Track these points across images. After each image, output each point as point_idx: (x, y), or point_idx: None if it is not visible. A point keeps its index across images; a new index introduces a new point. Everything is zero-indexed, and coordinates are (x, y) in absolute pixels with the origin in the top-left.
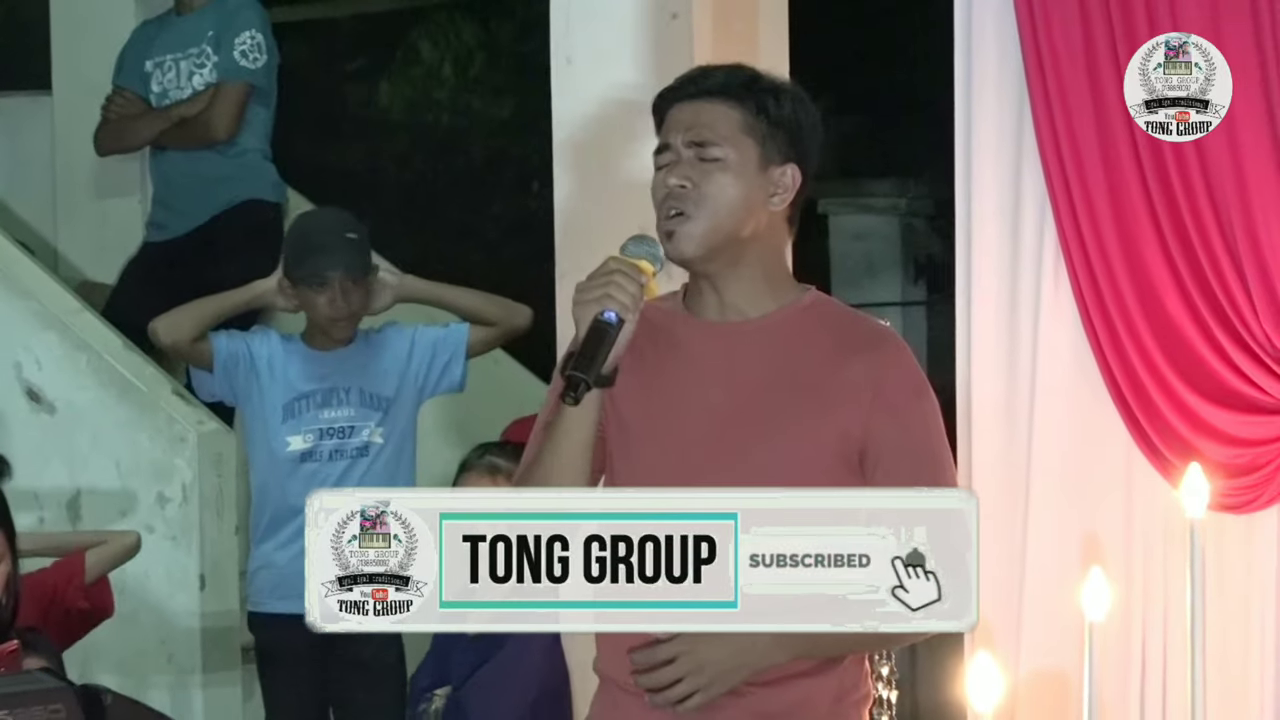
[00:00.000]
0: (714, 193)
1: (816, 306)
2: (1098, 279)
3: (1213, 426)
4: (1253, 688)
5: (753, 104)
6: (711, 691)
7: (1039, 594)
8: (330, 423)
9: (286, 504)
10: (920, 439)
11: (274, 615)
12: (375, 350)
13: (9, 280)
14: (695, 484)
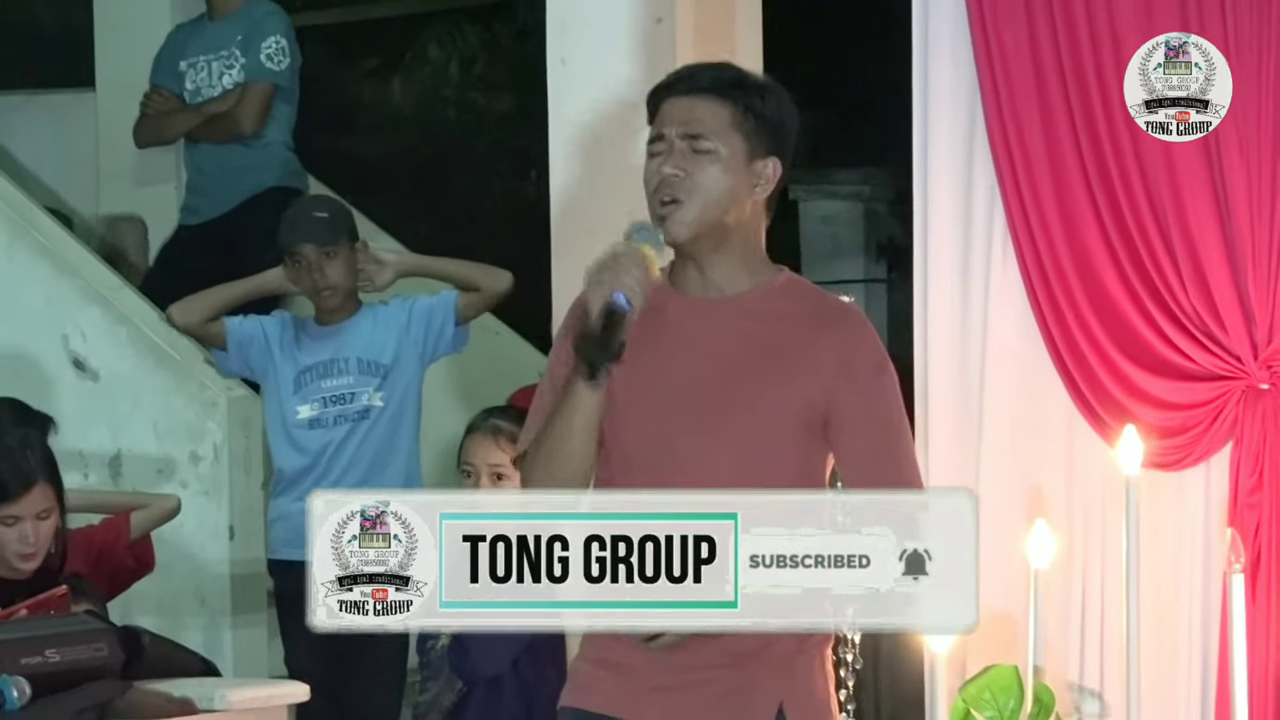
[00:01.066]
0: (705, 182)
1: (789, 285)
2: (1042, 258)
3: (1146, 392)
4: (1182, 628)
5: (741, 102)
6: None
7: (989, 544)
8: (333, 390)
9: (300, 464)
10: (881, 409)
11: (288, 562)
12: (374, 321)
13: (57, 260)
14: (674, 444)
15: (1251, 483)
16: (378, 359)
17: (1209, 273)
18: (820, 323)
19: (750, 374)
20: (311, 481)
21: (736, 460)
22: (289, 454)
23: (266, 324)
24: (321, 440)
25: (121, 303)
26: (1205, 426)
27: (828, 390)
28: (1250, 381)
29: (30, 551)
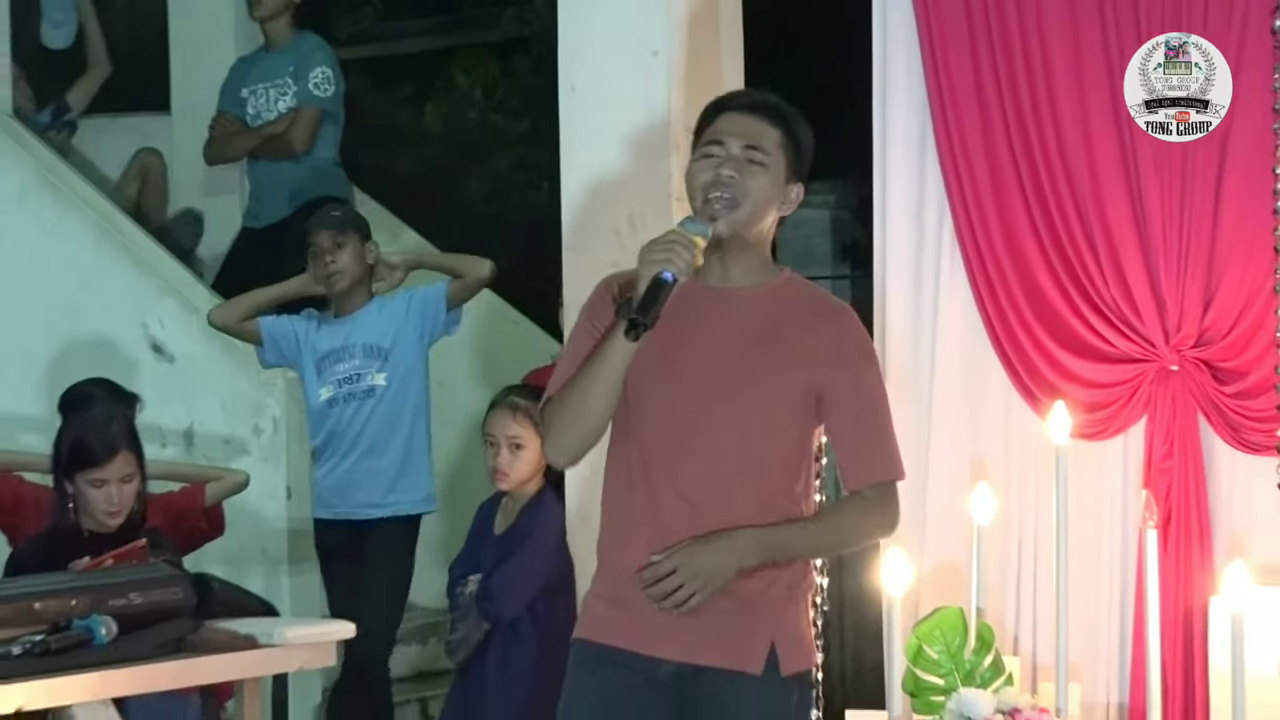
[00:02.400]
0: (755, 189)
1: (791, 283)
2: (984, 258)
3: (1073, 372)
4: (1104, 576)
5: (787, 128)
6: (707, 591)
7: (938, 503)
8: (344, 373)
9: (322, 439)
10: (868, 392)
11: (320, 520)
12: (379, 311)
13: (139, 260)
14: (689, 409)
15: (1163, 451)
16: (379, 343)
17: (1127, 270)
18: (818, 315)
19: (757, 354)
20: (331, 453)
21: (741, 427)
22: (315, 431)
23: (295, 320)
24: (337, 417)
25: (194, 296)
26: (1123, 402)
27: (823, 373)
28: (1162, 364)
29: (115, 510)
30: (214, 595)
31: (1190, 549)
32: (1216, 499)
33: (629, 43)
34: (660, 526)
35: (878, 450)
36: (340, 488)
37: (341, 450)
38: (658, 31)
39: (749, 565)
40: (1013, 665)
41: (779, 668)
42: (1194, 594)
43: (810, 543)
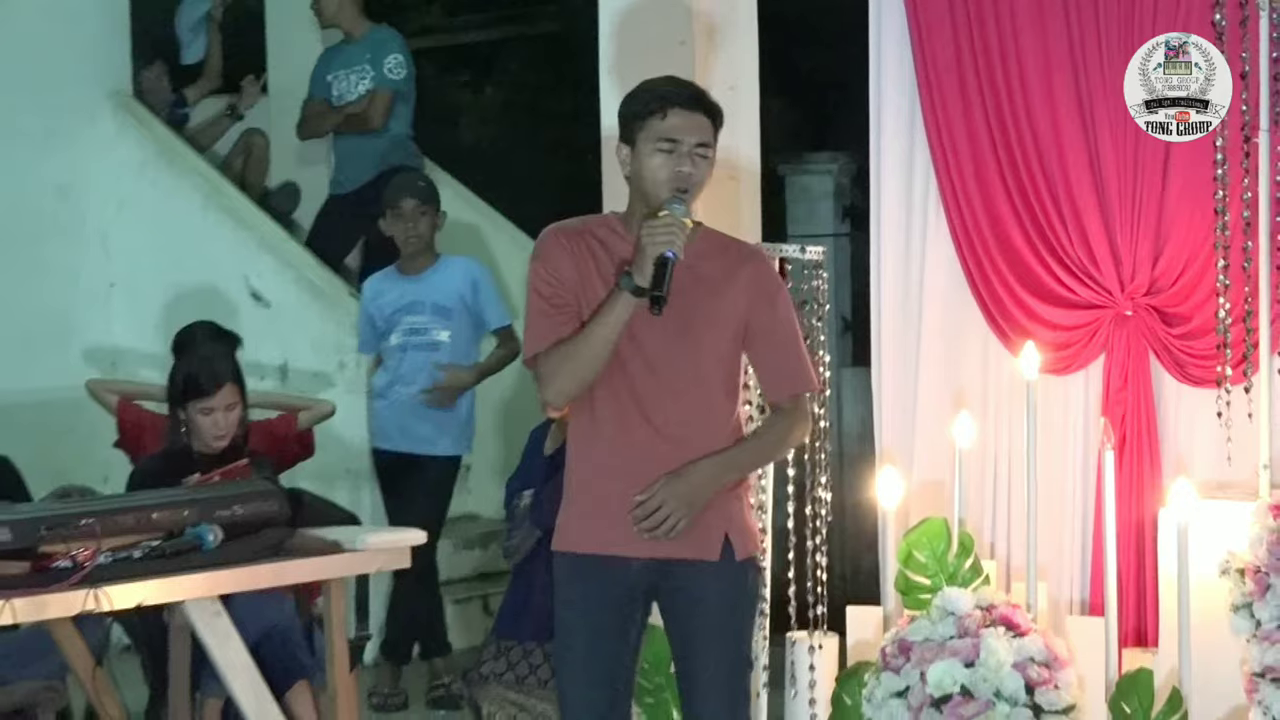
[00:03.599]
0: (702, 178)
1: (707, 234)
2: (964, 218)
3: (1041, 316)
4: (1068, 491)
5: (717, 121)
6: (691, 514)
7: (925, 428)
8: (413, 325)
9: (385, 381)
10: (783, 318)
11: (379, 449)
12: (443, 275)
13: (241, 221)
14: (648, 348)
15: (1119, 384)
16: (445, 304)
17: (1088, 227)
18: (739, 260)
19: (698, 297)
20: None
21: (692, 358)
22: (381, 373)
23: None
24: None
25: (287, 252)
26: (1084, 343)
27: (748, 307)
28: (1118, 309)
29: (221, 434)
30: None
31: (1142, 468)
32: (1164, 425)
33: (659, 34)
34: (627, 447)
35: (795, 367)
36: (399, 425)
37: (401, 390)
38: (683, 23)
39: (717, 488)
40: (989, 568)
41: (734, 554)
42: (1145, 506)
43: (755, 458)
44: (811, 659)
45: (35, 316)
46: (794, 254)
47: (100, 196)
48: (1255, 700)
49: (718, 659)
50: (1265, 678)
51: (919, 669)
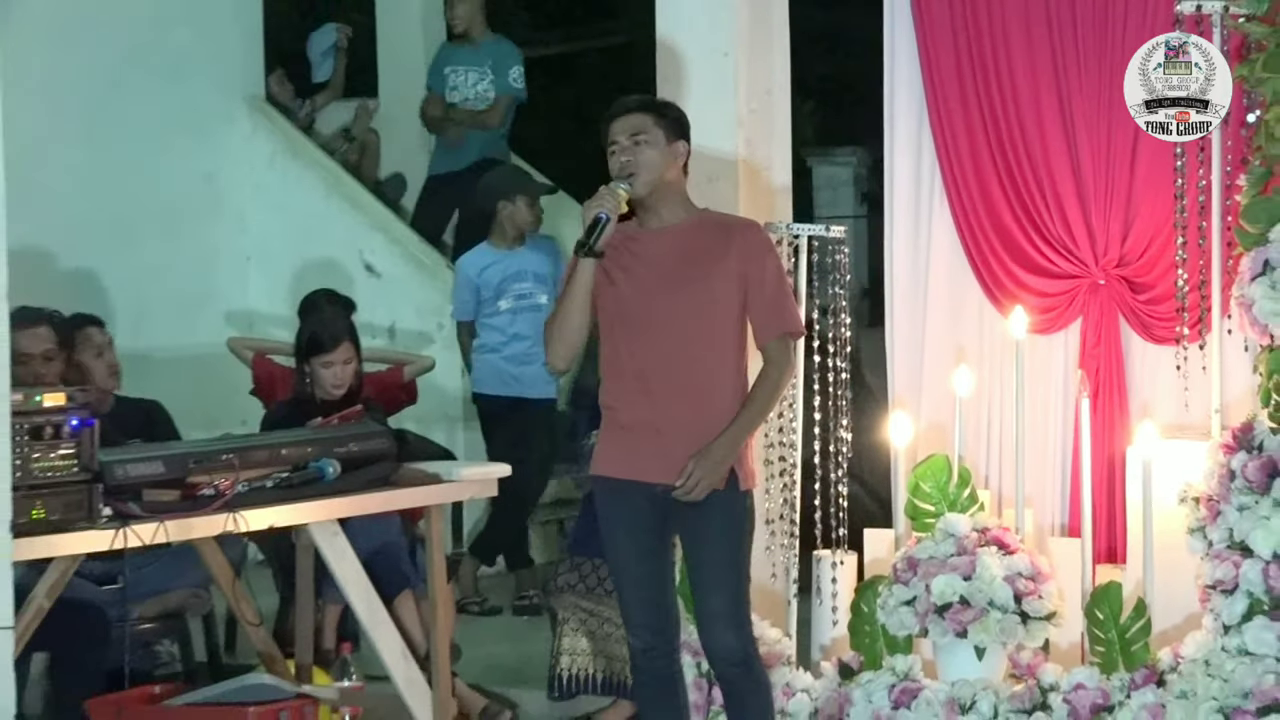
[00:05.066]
0: (645, 159)
1: (707, 214)
2: (964, 202)
3: (1027, 285)
4: (1050, 433)
5: (654, 111)
6: (718, 480)
7: (930, 379)
8: (520, 292)
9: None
10: (772, 274)
11: (484, 395)
12: (534, 250)
13: (356, 205)
14: (652, 307)
15: (1093, 342)
16: (542, 272)
17: (1067, 210)
18: (732, 230)
19: (694, 262)
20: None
21: (693, 314)
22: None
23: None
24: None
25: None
26: (1064, 307)
27: (742, 270)
28: (1093, 279)
29: (339, 384)
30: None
31: (1112, 413)
32: (1131, 377)
33: (705, 47)
34: (643, 393)
35: (779, 314)
36: (509, 372)
37: (515, 346)
38: (726, 37)
39: (735, 456)
40: (984, 497)
41: (738, 484)
42: (1115, 445)
43: (758, 413)
44: (834, 573)
45: (185, 284)
46: (820, 232)
47: (238, 184)
48: (1208, 608)
49: (729, 575)
50: (1216, 589)
51: (925, 582)
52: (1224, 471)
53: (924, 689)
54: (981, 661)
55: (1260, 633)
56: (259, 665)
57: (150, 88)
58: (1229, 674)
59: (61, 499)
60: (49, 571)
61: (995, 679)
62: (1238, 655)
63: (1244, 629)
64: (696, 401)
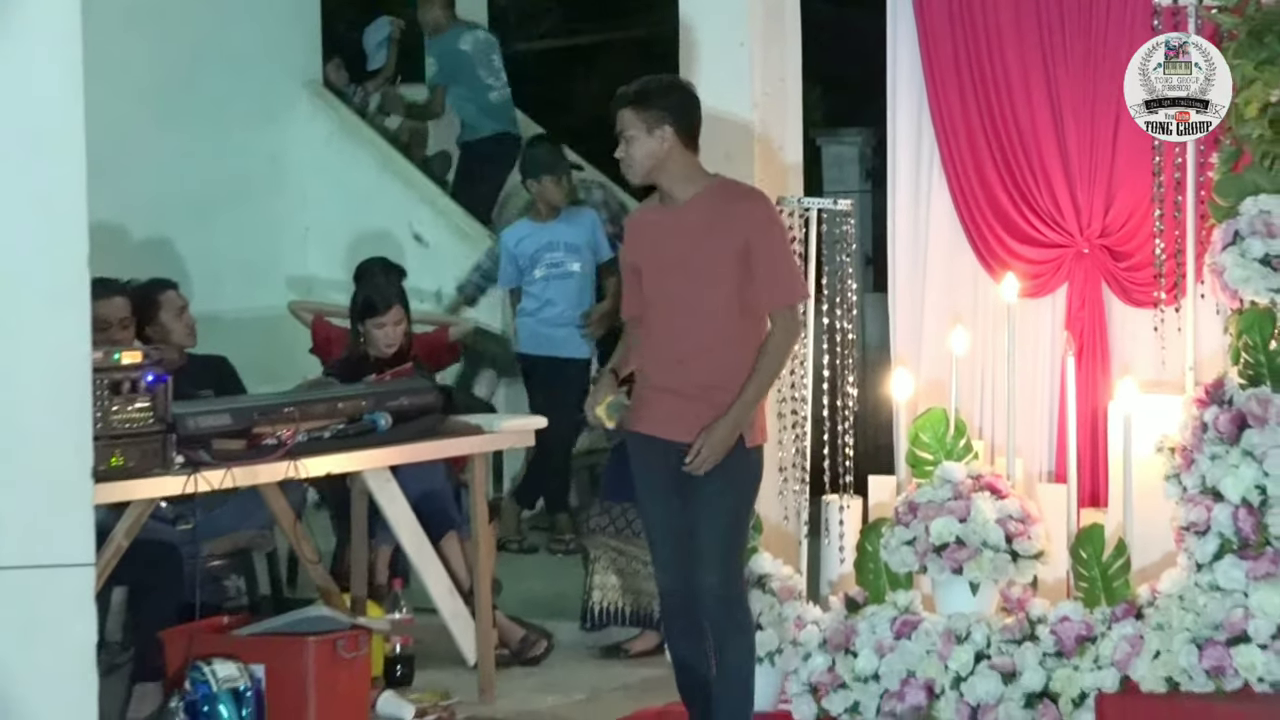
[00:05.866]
0: (631, 154)
1: (719, 184)
2: (960, 178)
3: (1019, 254)
4: (1039, 388)
5: (633, 102)
6: (722, 453)
7: (930, 339)
8: (552, 261)
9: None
10: (775, 244)
11: (526, 354)
12: (568, 222)
13: (406, 181)
14: (670, 284)
15: (1078, 305)
16: (574, 243)
17: (1054, 185)
18: (738, 199)
19: (705, 236)
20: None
21: (704, 287)
22: (529, 298)
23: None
24: (546, 288)
25: (441, 204)
26: (1052, 274)
27: (746, 237)
28: (1078, 248)
29: (390, 344)
30: (454, 399)
31: (1095, 370)
32: (1113, 337)
33: (723, 38)
34: (660, 360)
35: (781, 282)
36: (544, 334)
37: (549, 310)
38: (742, 29)
39: (741, 429)
40: (978, 446)
41: (743, 442)
42: (1098, 399)
43: (762, 386)
44: (841, 516)
45: (251, 252)
46: (828, 205)
47: (299, 162)
48: (1183, 548)
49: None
50: (1190, 531)
51: (924, 523)
52: (1197, 424)
53: (923, 621)
54: (975, 596)
55: (1230, 570)
56: (318, 599)
57: (218, 75)
58: (1201, 608)
59: (138, 448)
60: (127, 513)
61: (988, 612)
62: (1209, 591)
63: (1215, 567)
64: (711, 366)
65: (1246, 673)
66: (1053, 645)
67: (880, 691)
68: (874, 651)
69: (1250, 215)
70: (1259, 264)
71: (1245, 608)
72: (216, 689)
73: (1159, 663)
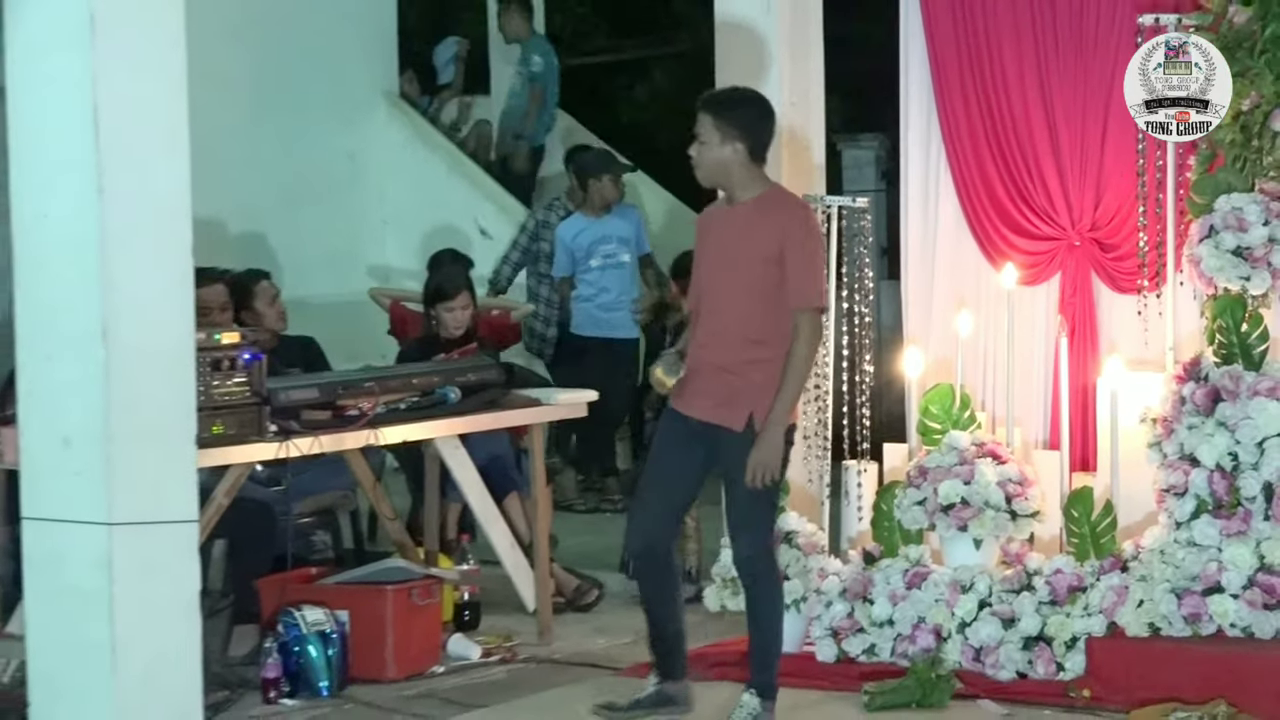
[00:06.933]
0: (702, 159)
1: (772, 192)
2: (965, 178)
3: (1016, 245)
4: (1034, 367)
5: (714, 113)
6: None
7: (938, 322)
8: (606, 252)
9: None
10: (807, 249)
11: (579, 335)
12: (619, 217)
13: (473, 181)
14: (717, 280)
15: (1070, 292)
16: (624, 235)
17: (1049, 183)
18: (780, 207)
19: (747, 237)
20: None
21: (746, 284)
22: (585, 285)
23: (564, 236)
24: (601, 277)
25: (503, 201)
26: (1046, 263)
27: (779, 240)
28: (1069, 240)
29: (459, 326)
30: (515, 375)
31: (1085, 349)
32: (1101, 320)
33: (755, 53)
34: (698, 345)
35: (802, 286)
36: (600, 318)
37: (604, 296)
38: (772, 45)
39: (784, 425)
40: (981, 417)
41: (754, 425)
42: (1088, 376)
43: (795, 388)
44: (859, 479)
45: (334, 244)
46: (847, 203)
47: (377, 162)
48: (1163, 508)
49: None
50: (1170, 493)
51: (933, 486)
52: (1176, 397)
53: (932, 572)
54: (979, 551)
55: (1205, 528)
56: (395, 552)
57: (307, 85)
58: (1180, 561)
59: (236, 418)
60: (226, 476)
61: (990, 565)
62: (1187, 546)
63: (1192, 525)
64: (726, 350)
65: (1220, 619)
66: (1047, 594)
67: (894, 635)
68: (888, 600)
69: (1224, 211)
70: (1231, 255)
71: (1219, 562)
72: (306, 631)
73: (1142, 610)
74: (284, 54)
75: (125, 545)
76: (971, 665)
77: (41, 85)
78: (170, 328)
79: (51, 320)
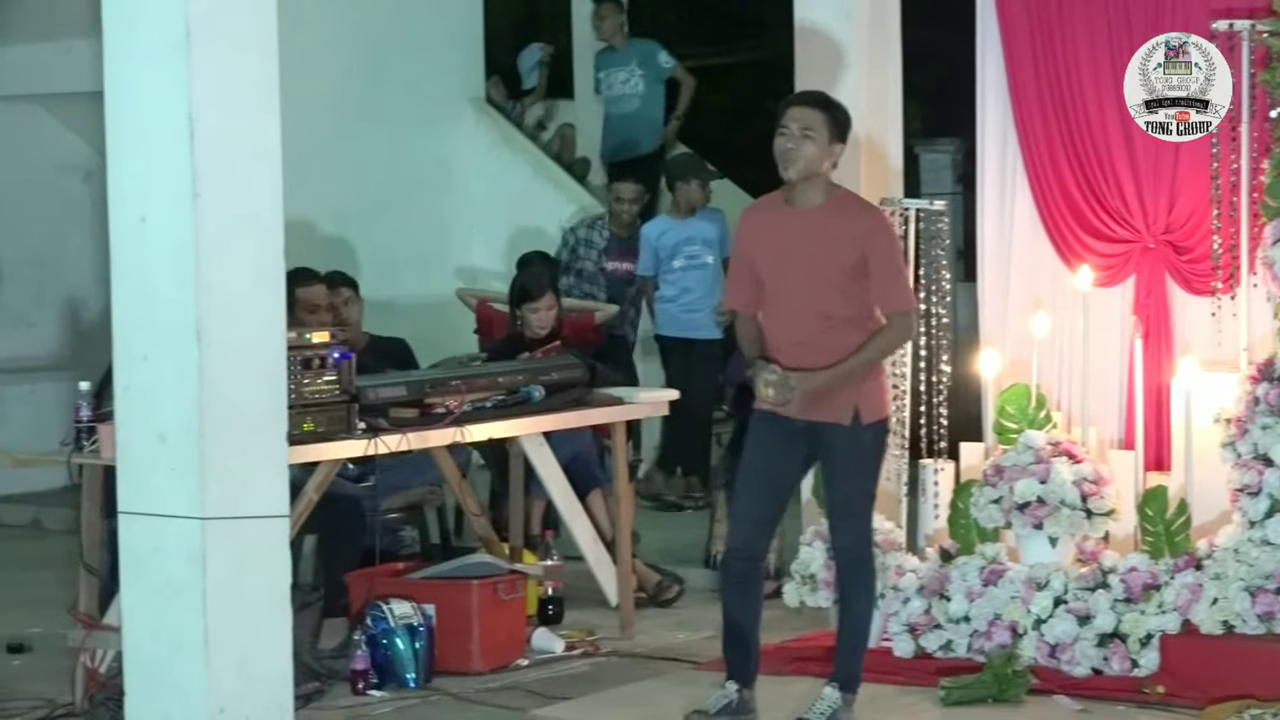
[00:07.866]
0: (806, 152)
1: (844, 197)
2: (1040, 181)
3: (1092, 248)
4: (1110, 365)
5: (828, 112)
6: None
7: (1014, 323)
8: (690, 254)
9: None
10: (891, 255)
11: (664, 335)
12: (702, 220)
13: (557, 184)
14: (789, 281)
15: (1145, 293)
16: (708, 238)
17: (1124, 188)
18: (859, 213)
19: (826, 243)
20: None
21: (822, 287)
22: (669, 286)
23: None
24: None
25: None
26: (1121, 265)
27: (861, 247)
28: (1144, 243)
29: (543, 326)
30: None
31: (1160, 350)
32: (1175, 321)
33: (835, 59)
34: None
35: (896, 290)
36: (682, 318)
37: (687, 297)
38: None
39: (822, 387)
40: (1057, 417)
41: (860, 419)
42: (1162, 376)
43: (859, 363)
44: (936, 477)
45: (424, 245)
46: (925, 206)
47: (464, 166)
48: (1237, 507)
49: (847, 490)
50: (1243, 492)
51: (1009, 484)
52: (1250, 398)
53: (1008, 570)
54: (1054, 549)
55: (1279, 527)
56: (480, 547)
57: (395, 90)
58: (1254, 560)
59: (326, 415)
60: (316, 472)
61: (1065, 563)
62: (1261, 545)
63: (1266, 524)
64: (817, 354)
65: None
66: (1122, 592)
67: (970, 631)
68: (965, 597)
69: None
70: None
71: None
72: (394, 624)
73: (1216, 608)
74: (374, 63)
75: (218, 540)
76: (1047, 661)
77: (139, 93)
78: (262, 327)
79: (148, 320)
